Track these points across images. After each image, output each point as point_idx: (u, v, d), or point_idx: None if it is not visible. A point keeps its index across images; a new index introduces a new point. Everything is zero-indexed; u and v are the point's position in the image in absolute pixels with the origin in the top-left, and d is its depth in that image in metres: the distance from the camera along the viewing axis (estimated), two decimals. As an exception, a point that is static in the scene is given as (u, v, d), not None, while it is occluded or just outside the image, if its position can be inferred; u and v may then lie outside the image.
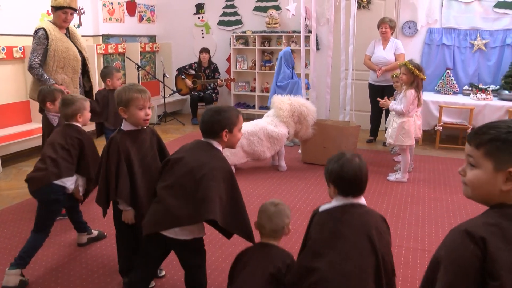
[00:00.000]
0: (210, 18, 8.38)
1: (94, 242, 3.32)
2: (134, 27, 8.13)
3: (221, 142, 2.23)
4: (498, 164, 1.17)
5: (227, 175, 2.15)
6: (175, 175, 2.13)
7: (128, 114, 2.43)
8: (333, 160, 1.87)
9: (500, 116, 5.85)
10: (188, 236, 2.16)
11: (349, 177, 1.81)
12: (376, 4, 6.99)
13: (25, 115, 5.91)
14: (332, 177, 1.85)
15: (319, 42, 7.34)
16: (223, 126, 2.19)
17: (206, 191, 2.04)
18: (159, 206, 2.13)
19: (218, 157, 2.19)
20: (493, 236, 1.12)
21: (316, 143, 5.17)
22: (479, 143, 1.21)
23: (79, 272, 2.92)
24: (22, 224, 3.66)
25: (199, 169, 2.08)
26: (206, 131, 2.23)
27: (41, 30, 4.09)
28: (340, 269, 1.71)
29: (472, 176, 1.24)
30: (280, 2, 7.73)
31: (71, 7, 4.13)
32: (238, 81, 8.24)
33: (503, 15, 6.37)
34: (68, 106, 3.00)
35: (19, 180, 4.77)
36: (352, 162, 1.83)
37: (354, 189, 1.84)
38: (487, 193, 1.21)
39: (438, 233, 3.50)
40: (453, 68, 6.68)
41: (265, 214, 2.06)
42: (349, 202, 1.84)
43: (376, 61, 5.94)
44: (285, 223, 2.06)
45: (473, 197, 1.26)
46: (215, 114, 2.21)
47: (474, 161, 1.23)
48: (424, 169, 5.18)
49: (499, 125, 1.19)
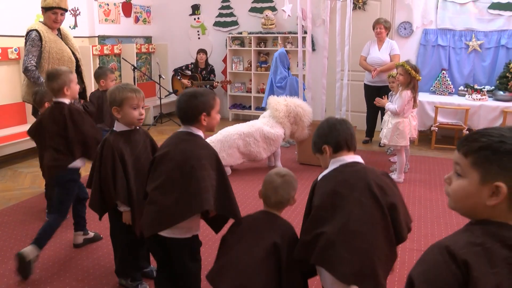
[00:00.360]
0: (206, 19, 8.38)
1: (90, 244, 3.31)
2: (130, 28, 8.11)
3: (200, 127, 2.16)
4: (485, 176, 1.05)
5: (213, 161, 2.10)
6: (164, 172, 2.09)
7: (122, 114, 2.42)
8: (323, 124, 1.99)
9: (495, 117, 5.89)
10: (187, 234, 2.15)
11: (343, 128, 1.92)
12: (371, 5, 7.01)
13: (20, 116, 5.89)
14: (326, 136, 1.93)
15: (315, 43, 7.35)
16: (201, 110, 2.12)
17: (198, 183, 2.00)
18: (153, 207, 2.10)
19: (201, 145, 2.14)
20: (477, 258, 1.01)
21: (312, 144, 5.17)
22: (468, 151, 1.09)
23: (75, 273, 2.92)
24: (18, 226, 3.64)
25: (186, 161, 2.04)
26: (184, 116, 2.17)
27: (34, 31, 4.03)
28: (345, 230, 1.71)
29: (456, 186, 1.12)
30: (275, 3, 7.74)
31: (61, 7, 4.07)
32: (234, 82, 8.24)
33: (497, 16, 6.40)
34: (53, 80, 2.95)
35: (14, 182, 4.75)
36: (338, 119, 2.00)
37: (350, 142, 1.91)
38: (471, 207, 1.10)
39: (434, 233, 3.51)
40: (449, 69, 6.70)
41: (271, 185, 2.01)
42: (344, 162, 1.88)
43: (372, 62, 5.96)
44: (290, 195, 2.03)
45: (456, 209, 1.16)
46: (191, 98, 2.13)
47: (461, 169, 1.11)
48: (420, 169, 5.19)
49: (491, 132, 1.07)
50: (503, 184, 1.03)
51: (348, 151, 1.92)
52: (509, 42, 6.35)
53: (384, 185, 1.81)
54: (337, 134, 1.91)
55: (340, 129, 1.93)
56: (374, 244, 1.72)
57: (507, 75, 6.05)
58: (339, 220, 1.74)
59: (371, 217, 1.73)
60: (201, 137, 2.16)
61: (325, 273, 1.78)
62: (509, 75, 6.04)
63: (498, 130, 1.08)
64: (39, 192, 4.30)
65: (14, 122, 5.80)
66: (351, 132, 1.94)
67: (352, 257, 1.69)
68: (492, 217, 1.07)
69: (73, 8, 6.85)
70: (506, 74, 6.07)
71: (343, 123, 1.96)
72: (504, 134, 1.06)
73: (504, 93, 6.04)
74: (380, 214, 1.74)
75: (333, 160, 1.92)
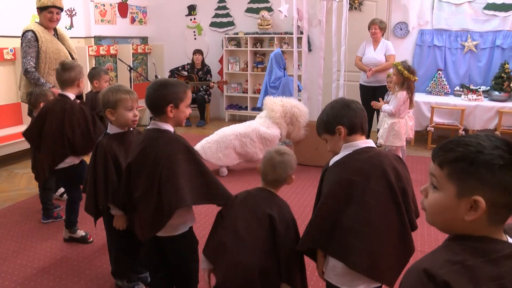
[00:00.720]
0: (202, 20, 8.37)
1: (86, 244, 3.30)
2: (126, 29, 8.10)
3: (167, 120, 2.08)
4: (462, 189, 0.97)
5: (184, 155, 2.03)
6: (142, 178, 2.07)
7: (116, 116, 2.40)
8: (336, 103, 1.86)
9: (490, 117, 5.91)
10: (183, 229, 2.14)
11: (358, 109, 1.83)
12: (367, 5, 7.02)
13: (16, 117, 5.86)
14: (342, 117, 1.79)
15: (311, 44, 7.36)
16: (168, 101, 2.03)
17: (171, 181, 1.96)
18: (137, 217, 2.13)
19: (169, 140, 2.06)
20: (458, 277, 0.92)
21: (309, 144, 5.18)
22: (443, 162, 1.00)
23: (71, 274, 2.91)
24: (14, 227, 3.63)
25: (157, 162, 2.00)
26: (151, 107, 2.10)
27: (30, 32, 4.01)
28: (363, 222, 1.66)
29: (432, 199, 1.04)
30: (272, 3, 7.75)
31: (56, 5, 4.05)
32: (230, 82, 8.24)
33: (492, 17, 6.43)
34: (68, 71, 2.99)
35: (10, 183, 4.74)
36: (351, 99, 1.88)
37: (364, 125, 1.83)
38: (449, 222, 1.02)
39: (430, 233, 3.52)
40: (444, 69, 6.73)
41: (270, 162, 1.97)
42: (358, 148, 1.78)
43: (367, 62, 5.97)
44: (288, 174, 1.98)
45: (433, 224, 1.07)
46: (160, 87, 2.06)
47: (437, 181, 1.02)
48: (416, 169, 5.20)
49: (468, 141, 0.98)
50: (481, 199, 0.94)
51: (361, 134, 1.82)
52: (504, 43, 6.38)
53: (399, 170, 1.76)
54: (354, 114, 1.79)
55: (356, 109, 1.81)
56: (388, 236, 1.69)
57: (503, 75, 6.09)
58: (356, 212, 1.67)
59: (386, 208, 1.69)
60: (169, 132, 2.09)
61: (335, 262, 1.75)
62: (504, 76, 6.07)
63: (475, 139, 0.98)
64: (35, 193, 4.29)
65: (10, 123, 5.77)
66: (364, 114, 1.84)
67: (368, 248, 1.65)
68: (471, 232, 0.99)
69: (69, 8, 6.83)
70: (502, 75, 6.10)
71: (357, 103, 1.85)
72: (482, 143, 0.96)
73: (500, 93, 6.07)
74: (394, 204, 1.70)
75: (346, 144, 1.80)
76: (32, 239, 3.41)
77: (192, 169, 2.03)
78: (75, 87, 3.09)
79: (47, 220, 3.71)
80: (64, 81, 3.04)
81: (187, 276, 2.27)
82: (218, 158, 4.83)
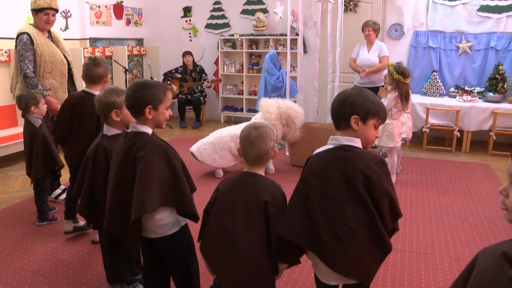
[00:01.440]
0: (197, 21, 8.37)
1: (82, 247, 3.29)
2: (121, 30, 8.09)
3: (147, 122, 2.07)
4: None
5: (159, 157, 2.02)
6: (123, 183, 2.08)
7: (122, 117, 2.42)
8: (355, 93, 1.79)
9: (485, 118, 5.95)
10: (175, 228, 2.13)
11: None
12: (362, 7, 7.04)
13: (11, 119, 5.84)
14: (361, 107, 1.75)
15: (306, 45, 7.37)
16: (147, 102, 2.02)
17: (142, 184, 1.97)
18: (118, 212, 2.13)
19: (147, 141, 2.04)
20: None
21: (304, 146, 5.18)
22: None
23: (66, 277, 2.89)
24: (8, 230, 3.61)
25: (135, 165, 2.02)
26: (130, 107, 2.09)
27: (25, 35, 3.94)
28: (337, 222, 1.67)
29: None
30: (267, 5, 7.76)
31: (52, 7, 4.02)
32: (226, 84, 8.24)
33: (486, 18, 6.47)
34: (100, 66, 3.05)
35: (4, 185, 4.71)
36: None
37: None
38: None
39: (426, 234, 3.53)
40: (439, 70, 6.76)
41: (247, 139, 1.90)
42: (339, 144, 1.77)
43: (361, 64, 5.98)
44: (269, 146, 1.91)
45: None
46: (139, 89, 2.04)
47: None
48: (411, 170, 5.22)
49: None
50: None
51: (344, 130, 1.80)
52: (498, 44, 6.42)
53: (373, 177, 1.70)
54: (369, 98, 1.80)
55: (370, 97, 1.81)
56: (360, 238, 1.69)
57: (497, 76, 6.12)
58: (330, 211, 1.69)
59: (354, 212, 1.69)
60: (147, 134, 2.07)
61: (320, 263, 1.76)
62: (499, 77, 6.11)
63: None
64: (29, 195, 4.27)
65: (4, 125, 5.75)
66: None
67: (343, 249, 1.67)
68: None
69: (64, 10, 6.82)
70: (496, 76, 6.14)
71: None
72: None
73: (494, 94, 6.10)
74: (362, 209, 1.69)
75: (332, 137, 1.81)
76: (27, 242, 3.40)
77: (166, 172, 2.02)
78: (101, 84, 3.10)
79: (42, 223, 3.69)
80: (94, 77, 3.04)
81: (186, 276, 2.26)
82: (214, 160, 4.83)
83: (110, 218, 2.15)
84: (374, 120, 1.77)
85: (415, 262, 3.08)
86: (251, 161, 1.93)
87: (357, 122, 1.75)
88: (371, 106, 1.75)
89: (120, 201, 2.10)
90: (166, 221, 2.09)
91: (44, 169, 3.58)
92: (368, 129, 1.77)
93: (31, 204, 3.98)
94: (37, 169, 3.55)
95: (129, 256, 2.65)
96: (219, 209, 1.91)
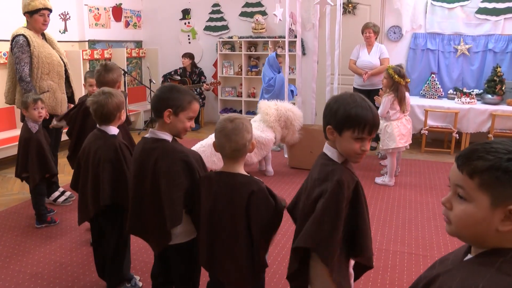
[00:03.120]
0: (196, 24, 8.38)
1: (81, 249, 3.28)
2: (120, 33, 8.09)
3: (165, 127, 2.02)
4: (496, 199, 0.92)
5: (179, 166, 1.98)
6: (141, 191, 2.14)
7: (122, 117, 2.54)
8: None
9: (483, 120, 5.95)
10: (186, 238, 2.10)
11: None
12: (361, 9, 7.05)
13: (10, 121, 5.83)
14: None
15: (305, 47, 7.38)
16: (168, 105, 1.97)
17: (168, 197, 1.97)
18: (152, 227, 2.17)
19: (167, 150, 2.01)
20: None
21: (303, 148, 5.18)
22: (473, 171, 0.94)
23: (65, 279, 2.89)
24: (7, 232, 3.61)
25: (155, 177, 2.03)
26: (152, 107, 2.07)
27: (21, 36, 3.89)
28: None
29: (460, 212, 0.98)
30: (266, 7, 7.77)
31: (47, 7, 3.99)
32: (225, 86, 8.25)
33: (484, 21, 6.49)
34: (112, 72, 3.10)
35: (3, 188, 4.71)
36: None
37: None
38: (480, 234, 0.96)
39: (424, 236, 3.53)
40: (438, 73, 6.77)
41: (222, 133, 1.82)
42: (323, 152, 1.74)
43: (362, 66, 5.99)
44: (246, 139, 1.82)
45: (459, 236, 1.01)
46: (166, 90, 2.02)
47: (465, 193, 0.96)
48: (410, 172, 5.22)
49: (497, 148, 0.94)
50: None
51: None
52: (496, 46, 6.43)
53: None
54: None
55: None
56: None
57: (495, 78, 6.13)
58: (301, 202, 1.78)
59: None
60: (166, 141, 2.03)
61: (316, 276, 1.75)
62: (497, 79, 6.12)
63: (503, 145, 0.94)
64: (28, 198, 4.26)
65: (3, 127, 5.74)
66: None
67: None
68: (504, 244, 0.94)
69: (63, 12, 6.82)
70: (494, 78, 6.15)
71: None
72: (510, 149, 0.93)
73: (492, 96, 6.11)
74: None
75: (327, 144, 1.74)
76: (25, 244, 3.39)
77: (184, 182, 1.99)
78: (117, 87, 3.16)
79: (40, 225, 3.69)
80: (106, 82, 3.06)
81: (189, 285, 2.25)
82: (213, 162, 4.82)
83: (133, 222, 2.17)
84: (350, 132, 1.58)
85: (414, 264, 3.08)
86: (228, 155, 1.86)
87: (332, 132, 1.64)
88: (342, 115, 1.58)
89: (141, 207, 2.11)
90: (179, 230, 2.06)
91: (39, 175, 3.57)
92: (344, 141, 1.61)
93: (30, 206, 3.97)
94: (33, 176, 3.54)
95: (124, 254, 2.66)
96: (203, 217, 1.94)
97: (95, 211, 2.45)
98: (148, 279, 2.73)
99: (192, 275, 2.24)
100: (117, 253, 2.58)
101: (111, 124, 2.50)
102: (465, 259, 1.02)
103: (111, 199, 2.39)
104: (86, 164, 2.48)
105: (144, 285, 2.76)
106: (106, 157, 2.40)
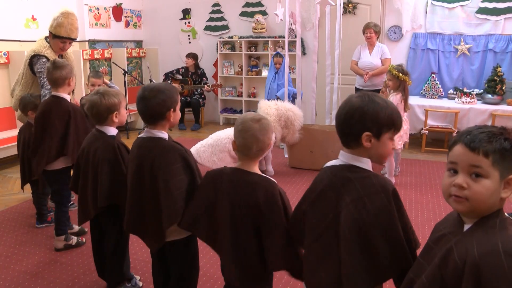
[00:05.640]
0: (196, 23, 8.38)
1: (80, 249, 3.28)
2: (120, 33, 8.09)
3: (165, 126, 2.06)
4: (503, 172, 1.13)
5: (179, 164, 2.00)
6: (139, 190, 2.15)
7: (119, 117, 2.52)
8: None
9: (484, 120, 5.95)
10: (181, 234, 2.11)
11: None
12: (361, 9, 7.05)
13: (10, 121, 5.83)
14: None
15: (305, 47, 7.38)
16: (169, 106, 2.00)
17: (168, 194, 1.97)
18: (149, 224, 2.16)
19: (165, 148, 2.03)
20: None
21: (303, 148, 5.18)
22: (489, 151, 1.13)
23: (65, 279, 2.89)
24: (7, 232, 3.61)
25: (154, 174, 2.03)
26: (152, 114, 2.02)
27: (45, 59, 3.81)
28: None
29: (481, 188, 1.14)
30: (266, 7, 7.77)
31: (71, 37, 3.91)
32: (225, 86, 8.25)
33: (484, 20, 6.48)
34: (61, 69, 3.04)
35: (3, 187, 4.71)
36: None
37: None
38: (492, 204, 1.15)
39: (425, 236, 3.53)
40: (438, 72, 6.77)
41: (249, 133, 1.77)
42: (347, 163, 1.55)
43: (363, 66, 5.98)
44: (271, 139, 1.84)
45: (474, 211, 1.17)
46: (159, 94, 1.97)
47: (483, 171, 1.13)
48: (410, 172, 5.22)
49: (493, 131, 1.16)
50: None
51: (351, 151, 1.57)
52: (497, 46, 6.43)
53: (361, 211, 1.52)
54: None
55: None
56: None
57: (495, 78, 6.13)
58: (312, 220, 1.82)
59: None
60: (164, 140, 2.06)
61: None
62: (497, 79, 6.12)
63: (496, 128, 1.17)
64: (28, 197, 4.26)
65: (3, 127, 5.74)
66: None
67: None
68: (495, 208, 1.16)
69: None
70: (494, 78, 6.15)
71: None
72: (503, 132, 1.15)
73: (493, 96, 6.11)
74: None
75: (342, 152, 1.59)
76: (25, 244, 3.39)
77: (184, 179, 2.00)
78: (66, 85, 3.10)
79: (41, 225, 3.69)
80: (55, 79, 3.04)
81: (185, 283, 2.24)
82: (213, 162, 4.82)
83: (130, 221, 2.16)
84: (389, 133, 1.49)
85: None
86: (252, 155, 1.83)
87: (369, 139, 1.47)
88: (384, 118, 1.46)
89: (138, 206, 2.11)
90: (174, 227, 2.04)
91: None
92: (382, 145, 1.49)
93: (30, 206, 3.98)
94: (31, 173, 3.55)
95: (124, 253, 2.66)
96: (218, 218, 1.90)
97: (95, 212, 2.45)
98: (148, 278, 2.75)
99: (189, 272, 2.24)
100: (117, 252, 2.58)
101: (106, 125, 2.49)
102: (465, 230, 1.19)
103: (108, 200, 2.40)
104: (85, 164, 2.48)
105: (144, 285, 2.76)
106: (104, 158, 2.40)
